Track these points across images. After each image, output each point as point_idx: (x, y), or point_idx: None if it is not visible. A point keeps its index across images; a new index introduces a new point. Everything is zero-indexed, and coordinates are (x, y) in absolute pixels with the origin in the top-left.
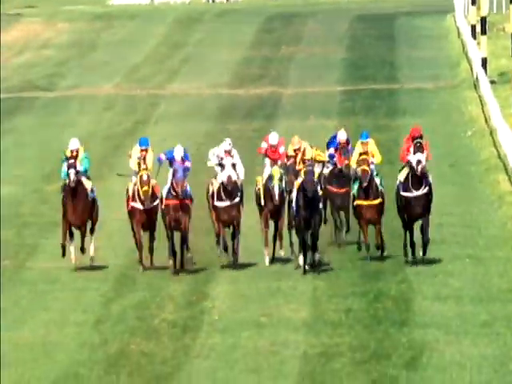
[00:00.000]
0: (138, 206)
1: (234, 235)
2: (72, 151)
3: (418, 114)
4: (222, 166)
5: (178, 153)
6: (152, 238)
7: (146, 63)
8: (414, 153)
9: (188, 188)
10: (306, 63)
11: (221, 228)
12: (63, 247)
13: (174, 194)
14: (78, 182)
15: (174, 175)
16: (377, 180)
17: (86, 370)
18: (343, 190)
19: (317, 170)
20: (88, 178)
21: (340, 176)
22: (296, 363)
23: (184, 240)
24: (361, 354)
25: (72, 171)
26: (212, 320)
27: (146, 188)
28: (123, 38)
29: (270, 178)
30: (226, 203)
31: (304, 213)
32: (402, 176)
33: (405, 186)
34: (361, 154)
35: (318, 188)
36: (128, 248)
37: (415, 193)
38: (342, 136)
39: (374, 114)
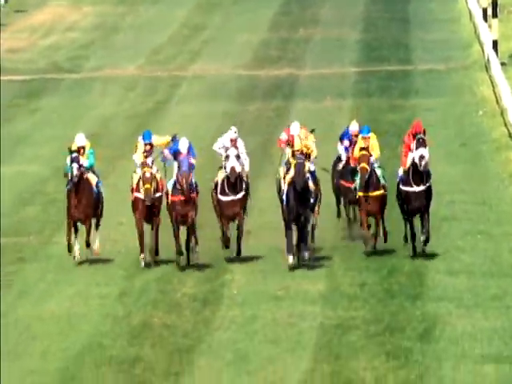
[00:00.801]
0: (141, 196)
1: (238, 229)
2: (79, 147)
3: (431, 95)
4: (226, 157)
5: (184, 145)
6: (156, 238)
7: (168, 45)
8: (417, 148)
9: (193, 181)
10: (322, 45)
11: (224, 223)
12: (68, 243)
13: (179, 189)
14: (81, 177)
15: (179, 168)
16: (378, 172)
17: (109, 341)
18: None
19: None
20: (94, 173)
21: (353, 170)
22: (313, 334)
23: (191, 234)
24: (375, 326)
25: (75, 166)
26: (231, 293)
27: (147, 186)
28: (146, 21)
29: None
30: (230, 197)
31: (294, 206)
32: (401, 171)
33: (405, 180)
34: (361, 149)
35: (310, 182)
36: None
37: (416, 188)
38: (353, 127)
39: (388, 94)
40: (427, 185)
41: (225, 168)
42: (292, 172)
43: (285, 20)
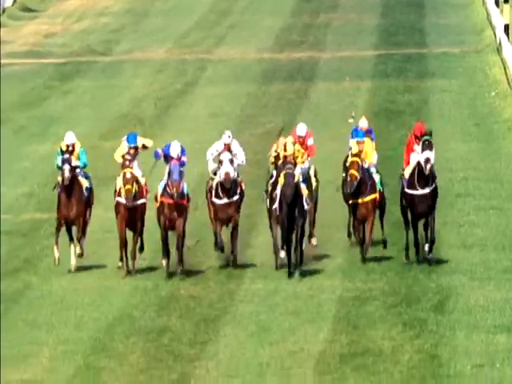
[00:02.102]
0: (123, 201)
1: (232, 234)
2: (68, 146)
3: (446, 77)
4: (220, 162)
5: (175, 149)
6: (136, 241)
7: (195, 30)
8: (423, 150)
9: (185, 188)
10: (342, 29)
11: (218, 226)
12: (56, 243)
13: (169, 193)
14: (73, 179)
15: (169, 175)
16: (376, 178)
17: (139, 312)
18: None
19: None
20: (86, 176)
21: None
22: (332, 306)
23: (180, 242)
24: (392, 298)
25: (66, 167)
26: (254, 268)
27: (128, 187)
28: (174, 6)
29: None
30: (224, 201)
31: (286, 213)
32: (407, 172)
33: (410, 182)
34: (353, 156)
35: (303, 185)
36: None
37: (421, 191)
38: (363, 124)
39: (404, 76)
40: (433, 187)
41: (217, 174)
42: (282, 182)
43: (306, 6)
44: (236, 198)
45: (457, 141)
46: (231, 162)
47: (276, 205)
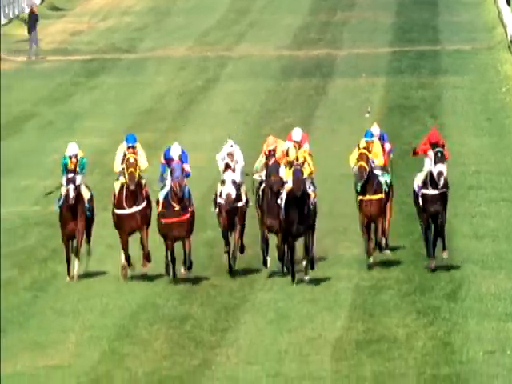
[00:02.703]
0: (124, 212)
1: (239, 237)
2: (71, 157)
3: (458, 73)
4: (222, 182)
5: (175, 151)
6: (145, 244)
7: (216, 28)
8: (435, 163)
9: (187, 190)
10: (358, 27)
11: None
12: (68, 262)
13: (173, 205)
14: (78, 197)
15: (171, 174)
16: (381, 179)
17: (162, 300)
18: None
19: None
20: (86, 186)
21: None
22: (348, 295)
23: (187, 252)
24: (407, 286)
25: (71, 187)
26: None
27: (132, 169)
28: (196, 5)
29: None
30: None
31: (293, 216)
32: (419, 179)
33: (423, 184)
34: (362, 149)
35: (310, 190)
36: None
37: (433, 191)
38: (375, 131)
39: (418, 72)
40: (443, 190)
41: (220, 195)
42: (290, 181)
43: (324, 4)
44: (240, 204)
45: (469, 135)
46: (233, 182)
47: (282, 207)
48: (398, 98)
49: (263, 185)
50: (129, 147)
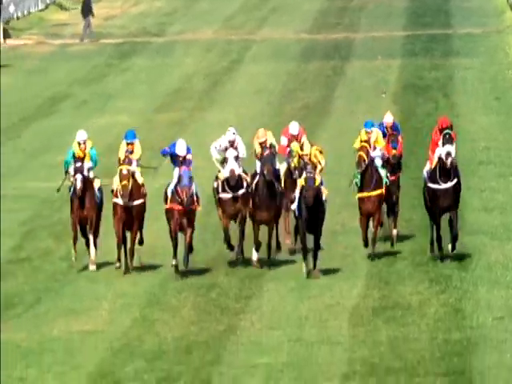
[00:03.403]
0: (120, 201)
1: (241, 229)
2: (79, 143)
3: (469, 55)
4: (224, 159)
5: (180, 148)
6: (134, 240)
7: (240, 13)
8: (443, 144)
9: (194, 191)
10: (374, 12)
11: (227, 222)
12: (74, 244)
13: (178, 198)
14: (86, 184)
15: (179, 181)
16: (382, 172)
17: (189, 270)
18: (392, 179)
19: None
20: (96, 177)
21: (388, 165)
22: (365, 265)
23: (189, 241)
24: (420, 257)
25: (79, 177)
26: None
27: (125, 182)
28: None
29: (290, 152)
30: (231, 195)
31: (306, 216)
32: (429, 166)
33: (432, 177)
34: (362, 142)
35: (323, 189)
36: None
37: (443, 185)
38: (388, 119)
39: (431, 55)
40: (455, 181)
41: (222, 171)
42: (302, 185)
43: None
44: (242, 191)
45: (479, 114)
46: (236, 158)
47: (295, 206)
48: (412, 78)
49: (256, 178)
50: (128, 143)
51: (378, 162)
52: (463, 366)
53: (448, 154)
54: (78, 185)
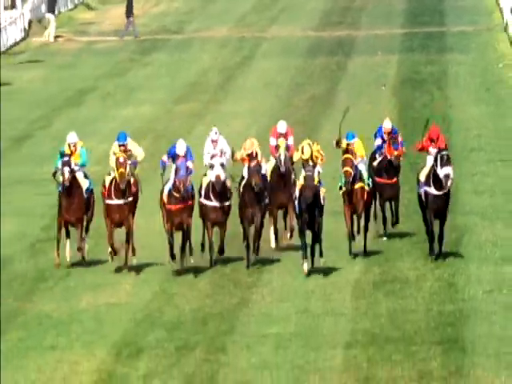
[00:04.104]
0: (114, 202)
1: (220, 236)
2: (69, 145)
3: (461, 51)
4: (211, 166)
5: (181, 148)
6: (129, 238)
7: (252, 12)
8: (442, 166)
9: (190, 186)
10: (374, 12)
11: (208, 227)
12: (58, 243)
13: (176, 195)
14: (73, 180)
15: (176, 173)
16: (364, 175)
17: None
18: (393, 181)
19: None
20: (85, 175)
21: (389, 167)
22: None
23: (187, 238)
24: (417, 235)
25: (66, 169)
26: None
27: (121, 170)
28: None
29: (276, 147)
30: (214, 204)
31: (305, 215)
32: (422, 176)
33: (426, 183)
34: (345, 153)
35: (321, 189)
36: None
37: (436, 191)
38: (387, 125)
39: (427, 51)
40: (446, 190)
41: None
42: (302, 183)
43: None
44: (227, 203)
45: (470, 105)
46: (222, 165)
47: (295, 203)
48: (410, 72)
49: (244, 181)
50: (119, 145)
51: (362, 167)
52: (456, 335)
53: (446, 177)
54: (66, 175)
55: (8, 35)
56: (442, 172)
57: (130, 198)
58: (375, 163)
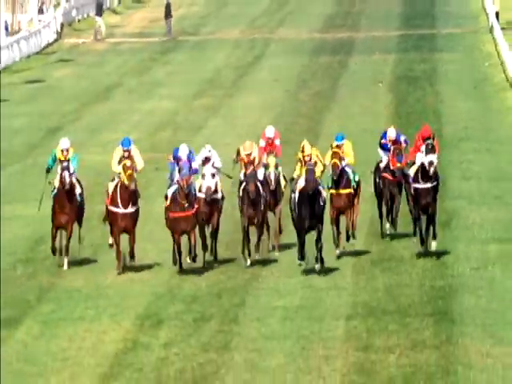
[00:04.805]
0: (118, 210)
1: (213, 235)
2: (62, 151)
3: (450, 51)
4: (202, 176)
5: (183, 151)
6: (133, 240)
7: (262, 16)
8: (426, 154)
9: (193, 187)
10: (373, 15)
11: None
12: (53, 245)
13: (179, 202)
14: (72, 184)
15: (179, 172)
16: (351, 175)
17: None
18: (396, 180)
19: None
20: (78, 180)
21: (393, 177)
22: (365, 225)
23: (193, 243)
24: (409, 218)
25: (66, 173)
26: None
27: (130, 172)
28: None
29: (266, 166)
30: (205, 209)
31: (305, 213)
32: (412, 171)
33: (414, 178)
34: (334, 148)
35: (320, 188)
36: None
37: (424, 185)
38: (391, 133)
39: (420, 51)
40: (434, 184)
41: (200, 190)
42: (302, 180)
43: None
44: (217, 203)
45: (459, 100)
46: (213, 176)
47: (294, 205)
48: (405, 70)
49: (243, 184)
50: (124, 150)
51: (349, 170)
52: (446, 307)
53: (430, 163)
54: (67, 179)
55: (42, 37)
56: (426, 159)
57: (136, 207)
58: (381, 167)
